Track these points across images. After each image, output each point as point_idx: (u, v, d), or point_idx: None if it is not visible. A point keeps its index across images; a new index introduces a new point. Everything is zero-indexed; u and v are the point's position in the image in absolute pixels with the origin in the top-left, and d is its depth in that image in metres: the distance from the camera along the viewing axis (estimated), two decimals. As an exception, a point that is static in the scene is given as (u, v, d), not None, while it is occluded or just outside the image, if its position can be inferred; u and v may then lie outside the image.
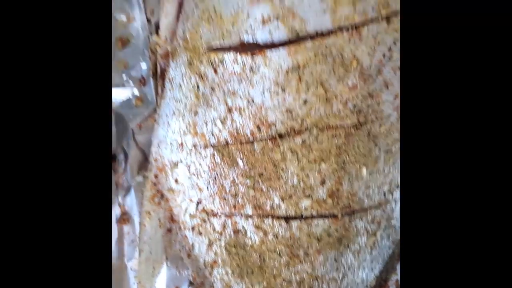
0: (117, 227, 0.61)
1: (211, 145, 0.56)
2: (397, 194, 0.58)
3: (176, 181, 0.58)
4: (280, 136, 0.54)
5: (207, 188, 0.57)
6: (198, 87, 0.55)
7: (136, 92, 0.62)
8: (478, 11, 0.42)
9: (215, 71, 0.53)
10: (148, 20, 0.61)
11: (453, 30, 0.42)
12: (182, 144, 0.57)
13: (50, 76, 0.40)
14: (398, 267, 0.62)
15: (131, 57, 0.61)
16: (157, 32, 0.59)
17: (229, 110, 0.54)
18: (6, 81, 0.39)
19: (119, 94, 0.61)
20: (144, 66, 0.61)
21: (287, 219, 0.56)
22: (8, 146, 0.39)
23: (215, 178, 0.56)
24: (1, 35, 0.39)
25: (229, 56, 0.52)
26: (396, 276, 0.63)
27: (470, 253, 0.41)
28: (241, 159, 0.55)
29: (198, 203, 0.58)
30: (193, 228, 0.59)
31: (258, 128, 0.54)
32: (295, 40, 0.52)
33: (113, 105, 0.60)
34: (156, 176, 0.59)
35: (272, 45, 0.52)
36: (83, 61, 0.42)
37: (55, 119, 0.40)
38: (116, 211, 0.61)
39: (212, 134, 0.55)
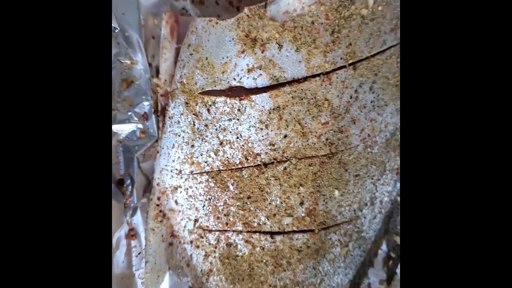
0: (126, 241, 0.69)
1: (206, 172, 0.65)
2: (365, 210, 0.67)
3: (176, 202, 0.67)
4: (265, 164, 0.63)
5: (203, 208, 0.66)
6: (194, 124, 0.63)
7: (140, 126, 0.70)
8: (478, 11, 0.42)
9: (208, 111, 0.62)
10: (150, 64, 0.69)
11: (453, 30, 0.43)
12: (180, 171, 0.66)
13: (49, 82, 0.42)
14: (369, 272, 0.72)
15: (135, 96, 0.69)
16: (157, 75, 0.67)
17: (221, 143, 0.63)
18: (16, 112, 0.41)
19: (125, 128, 0.69)
20: (146, 104, 0.69)
21: (272, 234, 0.65)
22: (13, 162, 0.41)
23: (209, 200, 0.65)
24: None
25: (220, 99, 0.61)
26: (368, 280, 0.72)
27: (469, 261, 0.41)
28: (231, 184, 0.64)
29: (196, 221, 0.67)
30: (191, 242, 0.68)
31: (246, 158, 0.63)
32: (275, 85, 0.61)
33: (120, 137, 0.69)
34: (158, 198, 0.67)
35: (256, 90, 0.61)
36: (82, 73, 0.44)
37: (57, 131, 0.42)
38: (124, 228, 0.69)
39: (207, 163, 0.64)
